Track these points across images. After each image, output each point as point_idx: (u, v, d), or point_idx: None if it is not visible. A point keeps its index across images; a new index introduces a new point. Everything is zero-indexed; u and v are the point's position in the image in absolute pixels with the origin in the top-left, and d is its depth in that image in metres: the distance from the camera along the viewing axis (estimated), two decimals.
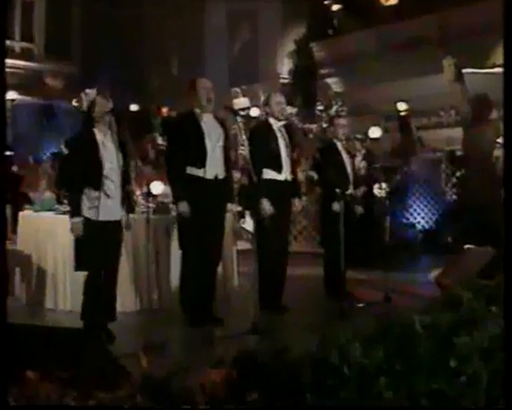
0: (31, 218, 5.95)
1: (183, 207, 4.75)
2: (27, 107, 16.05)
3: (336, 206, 5.92)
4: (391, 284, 5.99)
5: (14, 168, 11.75)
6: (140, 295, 5.45)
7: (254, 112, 12.30)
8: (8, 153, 13.41)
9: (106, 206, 4.38)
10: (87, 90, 4.50)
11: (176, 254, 5.39)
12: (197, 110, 4.90)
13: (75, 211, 4.39)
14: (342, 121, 6.33)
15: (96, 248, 4.36)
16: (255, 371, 2.58)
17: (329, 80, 14.50)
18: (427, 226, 11.50)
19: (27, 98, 16.17)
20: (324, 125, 11.61)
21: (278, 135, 5.43)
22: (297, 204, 5.69)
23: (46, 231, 5.60)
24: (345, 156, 6.22)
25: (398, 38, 13.34)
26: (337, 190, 5.98)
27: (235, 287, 6.46)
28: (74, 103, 14.89)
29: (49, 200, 6.42)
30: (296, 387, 2.63)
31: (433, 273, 7.73)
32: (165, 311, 5.28)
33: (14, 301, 5.76)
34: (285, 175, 5.41)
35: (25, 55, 16.48)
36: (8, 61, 15.89)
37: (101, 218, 4.38)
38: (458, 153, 11.99)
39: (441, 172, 11.95)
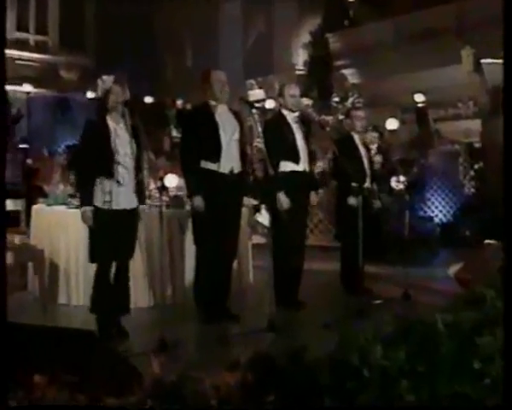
0: (43, 212, 5.89)
1: (198, 201, 4.65)
2: (42, 99, 16.05)
3: (352, 200, 5.82)
4: (409, 280, 5.86)
5: (29, 161, 11.77)
6: (153, 290, 5.37)
7: (269, 104, 12.18)
8: (23, 145, 13.50)
9: (119, 194, 4.29)
10: (104, 77, 4.40)
11: (190, 248, 5.31)
12: (212, 102, 4.80)
13: (86, 200, 4.30)
14: (359, 113, 6.20)
15: (110, 238, 4.27)
16: (271, 373, 2.48)
17: (345, 72, 14.32)
18: (444, 220, 11.35)
19: (42, 91, 16.17)
20: (341, 117, 11.47)
21: (294, 126, 5.33)
22: (314, 197, 5.57)
23: (59, 226, 5.54)
24: (362, 149, 6.09)
25: (415, 29, 13.12)
26: (353, 185, 5.88)
27: (251, 282, 6.37)
28: (89, 95, 14.92)
29: (62, 194, 6.35)
30: (314, 390, 2.53)
31: (452, 269, 7.61)
32: (178, 307, 5.19)
33: (27, 296, 5.73)
34: (303, 166, 5.31)
35: (39, 47, 16.45)
36: (23, 54, 16.05)
37: (115, 207, 4.29)
38: (476, 145, 11.82)
39: (459, 164, 11.78)
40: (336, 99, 13.41)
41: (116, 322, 4.39)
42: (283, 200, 4.98)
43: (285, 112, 5.40)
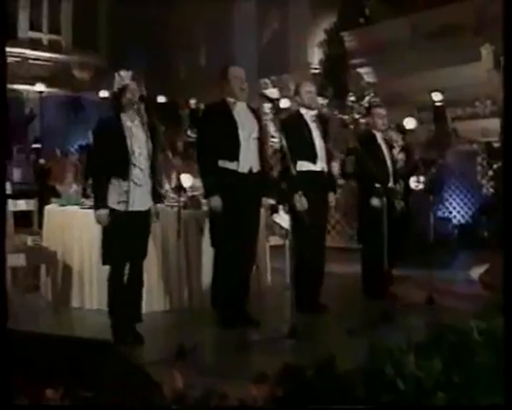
0: (56, 212, 5.74)
1: (216, 201, 4.48)
2: (55, 99, 15.97)
3: (375, 201, 5.63)
4: (430, 283, 5.67)
5: (42, 161, 11.67)
6: (169, 294, 5.19)
7: (284, 103, 11.99)
8: (36, 145, 13.42)
9: (134, 195, 4.12)
10: (122, 73, 4.22)
11: (207, 250, 5.14)
12: (230, 99, 4.64)
13: (100, 202, 4.13)
14: (381, 111, 6.00)
15: (123, 239, 4.11)
16: (302, 385, 2.30)
17: (361, 70, 14.11)
18: (462, 221, 11.14)
19: (55, 90, 16.09)
20: (356, 116, 11.28)
21: (311, 125, 5.17)
22: (332, 198, 5.39)
23: (72, 226, 5.38)
24: (384, 148, 5.90)
25: (432, 26, 12.90)
26: (376, 185, 5.70)
27: (269, 285, 6.18)
28: (102, 94, 14.80)
29: (75, 194, 6.21)
30: (348, 403, 2.36)
31: (475, 271, 7.40)
32: (195, 311, 5.01)
33: (39, 299, 5.59)
34: (321, 165, 5.14)
35: (52, 47, 16.36)
36: (36, 54, 15.97)
37: (130, 208, 4.12)
38: (495, 145, 11.58)
39: (477, 164, 11.57)
40: (352, 98, 13.22)
41: (131, 327, 4.23)
42: (300, 201, 4.79)
43: (303, 110, 5.26)
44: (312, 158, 5.06)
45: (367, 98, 13.26)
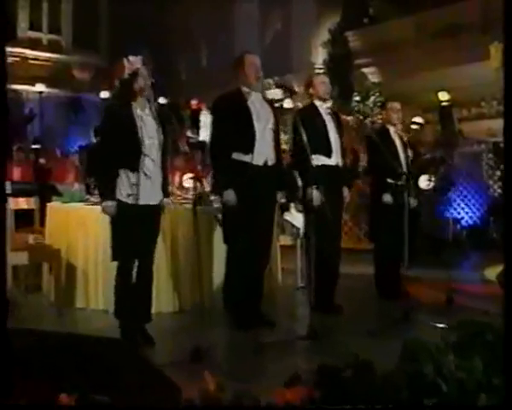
0: (60, 209, 5.51)
1: (229, 195, 4.24)
2: (55, 99, 15.79)
3: (387, 197, 5.45)
4: (443, 283, 5.49)
5: (42, 161, 11.46)
6: (179, 294, 4.96)
7: (288, 103, 11.80)
8: (35, 146, 13.21)
9: (145, 188, 3.89)
10: (131, 58, 4.00)
11: (218, 249, 4.93)
12: (245, 89, 4.42)
13: (108, 193, 3.89)
14: (395, 105, 5.80)
15: (132, 234, 3.88)
16: (339, 386, 2.09)
17: (366, 70, 13.94)
18: (471, 222, 10.99)
19: (55, 91, 15.91)
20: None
21: (325, 117, 4.98)
22: (346, 193, 5.18)
23: (76, 224, 5.15)
24: (398, 143, 5.70)
25: (438, 26, 12.74)
26: (389, 181, 5.53)
27: (280, 285, 5.96)
28: (103, 95, 14.62)
29: (78, 191, 6.00)
30: (390, 406, 2.14)
31: (488, 271, 7.22)
32: (206, 313, 4.76)
33: (41, 298, 5.37)
34: (335, 160, 4.93)
35: (52, 47, 16.18)
36: (36, 54, 15.78)
37: (140, 202, 3.89)
38: (502, 145, 11.40)
39: (484, 165, 11.44)
40: (357, 98, 13.05)
41: (140, 328, 4.00)
42: (315, 196, 4.57)
43: (317, 102, 5.07)
44: (327, 152, 4.86)
45: (372, 98, 13.09)
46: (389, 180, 5.50)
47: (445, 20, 12.54)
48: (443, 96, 12.29)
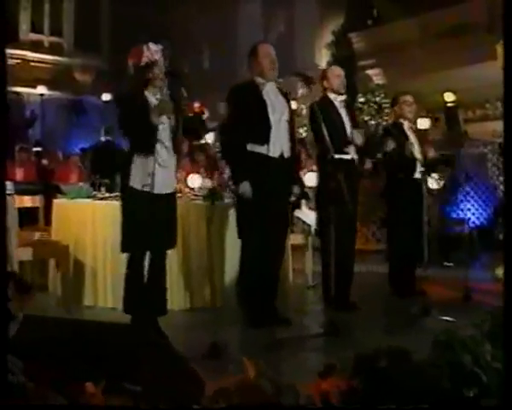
0: (66, 206, 5.38)
1: (245, 188, 4.10)
2: (56, 102, 15.67)
3: (403, 191, 5.34)
4: (456, 281, 5.42)
5: (45, 161, 11.37)
6: (190, 291, 4.83)
7: (292, 105, 11.71)
8: (37, 149, 13.10)
9: (159, 176, 3.77)
10: (151, 45, 3.90)
11: (230, 245, 4.81)
12: (259, 80, 4.32)
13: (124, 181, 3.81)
14: (408, 98, 5.68)
15: (145, 224, 3.75)
16: (379, 378, 1.96)
17: (370, 72, 13.86)
18: (477, 222, 10.89)
19: (56, 93, 15.79)
20: (366, 118, 11.06)
21: (341, 110, 4.87)
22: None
23: (84, 220, 5.02)
24: (412, 137, 5.59)
25: (443, 26, 12.66)
26: (403, 175, 5.43)
27: (291, 285, 5.83)
28: (105, 97, 14.48)
29: (84, 188, 5.88)
30: (434, 395, 2.02)
31: (499, 270, 7.11)
32: (218, 310, 4.62)
33: (47, 296, 5.24)
34: (352, 154, 4.82)
35: (54, 49, 16.06)
36: (37, 56, 15.65)
37: (156, 190, 3.77)
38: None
39: (490, 166, 11.36)
40: (362, 100, 12.95)
41: (153, 324, 3.87)
42: (340, 188, 4.43)
43: (331, 95, 4.96)
44: (345, 145, 4.75)
45: (377, 99, 13.01)
46: (403, 175, 5.41)
47: (450, 21, 12.47)
48: (448, 97, 12.20)
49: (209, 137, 11.54)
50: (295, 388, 1.75)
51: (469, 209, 10.99)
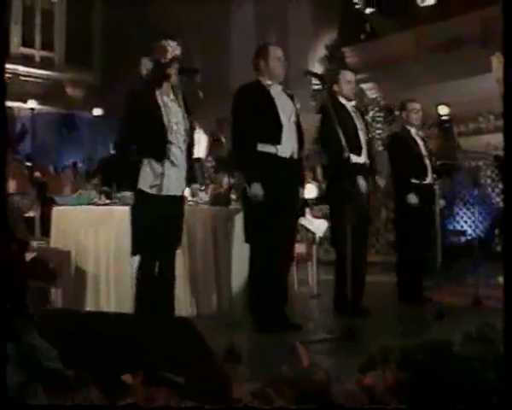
0: (66, 213, 5.21)
1: (256, 189, 3.95)
2: (47, 116, 15.55)
3: (413, 198, 5.27)
4: (476, 287, 5.33)
5: (37, 174, 11.23)
6: (196, 298, 4.69)
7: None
8: (27, 164, 12.93)
9: (170, 177, 3.67)
10: (171, 43, 3.82)
11: (237, 251, 4.69)
12: (266, 81, 4.24)
13: (126, 184, 3.68)
14: (416, 106, 5.63)
15: (155, 227, 3.64)
16: (425, 370, 1.85)
17: (363, 86, 13.85)
18: (474, 235, 10.87)
19: (47, 108, 15.67)
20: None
21: (353, 114, 4.81)
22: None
23: (85, 226, 4.87)
24: (420, 143, 5.54)
25: (437, 40, 12.72)
26: (413, 181, 5.37)
27: (296, 293, 5.71)
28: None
29: (84, 195, 5.74)
30: (478, 388, 1.91)
31: (501, 279, 7.05)
32: (225, 317, 4.48)
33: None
34: (364, 158, 4.75)
35: (45, 64, 15.96)
36: (29, 70, 15.54)
37: (165, 192, 3.66)
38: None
39: (485, 178, 11.39)
40: None
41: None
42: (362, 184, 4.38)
43: (342, 100, 4.91)
44: (358, 150, 4.67)
45: (371, 113, 12.99)
46: (413, 180, 5.36)
47: (444, 35, 12.54)
48: (442, 109, 12.22)
49: (201, 152, 11.45)
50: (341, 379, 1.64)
51: (466, 221, 10.98)
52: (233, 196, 5.40)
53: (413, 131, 5.56)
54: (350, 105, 4.94)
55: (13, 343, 1.54)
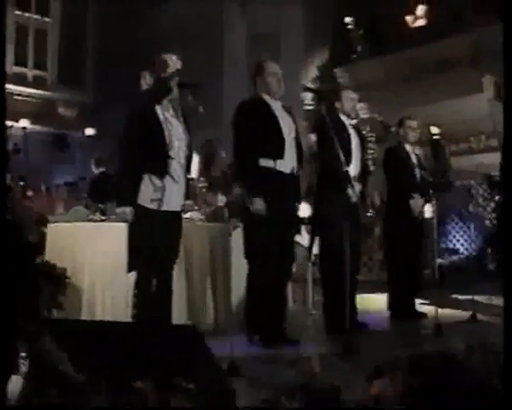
0: (62, 229, 5.19)
1: (259, 204, 3.96)
2: (39, 136, 15.52)
3: (416, 205, 5.32)
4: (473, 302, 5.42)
5: (30, 193, 11.19)
6: (193, 313, 4.66)
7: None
8: (20, 183, 12.88)
9: (171, 193, 3.66)
10: (172, 57, 3.82)
11: (235, 266, 4.68)
12: (265, 97, 4.26)
13: (126, 199, 3.65)
14: (413, 123, 5.69)
15: (153, 243, 3.63)
16: (434, 378, 1.85)
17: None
18: (466, 253, 10.93)
19: (39, 127, 15.65)
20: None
21: (351, 131, 4.85)
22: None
23: (82, 242, 4.85)
24: (415, 159, 5.59)
25: (428, 61, 12.85)
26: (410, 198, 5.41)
27: (291, 311, 5.68)
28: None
29: (80, 211, 5.72)
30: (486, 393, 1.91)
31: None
32: (222, 332, 4.45)
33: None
34: (355, 171, 4.78)
35: (37, 83, 15.97)
36: (21, 90, 15.51)
37: (165, 207, 3.65)
38: (497, 178, 11.43)
39: (478, 196, 11.47)
40: None
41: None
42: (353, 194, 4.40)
43: (343, 117, 4.95)
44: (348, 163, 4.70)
45: (363, 133, 13.05)
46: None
47: (435, 56, 12.68)
48: (435, 129, 12.31)
49: (193, 172, 11.49)
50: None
51: (458, 240, 11.04)
52: (226, 215, 5.38)
53: (408, 147, 5.61)
54: (349, 122, 4.96)
55: (27, 346, 1.52)
